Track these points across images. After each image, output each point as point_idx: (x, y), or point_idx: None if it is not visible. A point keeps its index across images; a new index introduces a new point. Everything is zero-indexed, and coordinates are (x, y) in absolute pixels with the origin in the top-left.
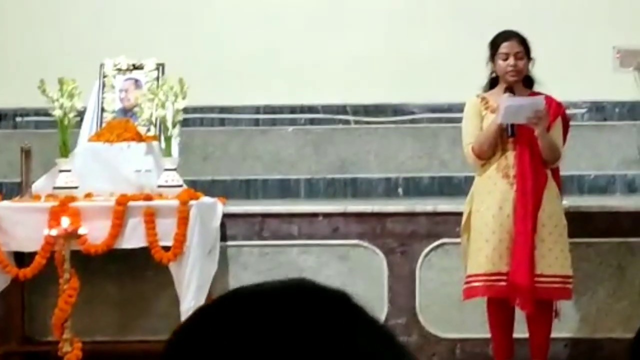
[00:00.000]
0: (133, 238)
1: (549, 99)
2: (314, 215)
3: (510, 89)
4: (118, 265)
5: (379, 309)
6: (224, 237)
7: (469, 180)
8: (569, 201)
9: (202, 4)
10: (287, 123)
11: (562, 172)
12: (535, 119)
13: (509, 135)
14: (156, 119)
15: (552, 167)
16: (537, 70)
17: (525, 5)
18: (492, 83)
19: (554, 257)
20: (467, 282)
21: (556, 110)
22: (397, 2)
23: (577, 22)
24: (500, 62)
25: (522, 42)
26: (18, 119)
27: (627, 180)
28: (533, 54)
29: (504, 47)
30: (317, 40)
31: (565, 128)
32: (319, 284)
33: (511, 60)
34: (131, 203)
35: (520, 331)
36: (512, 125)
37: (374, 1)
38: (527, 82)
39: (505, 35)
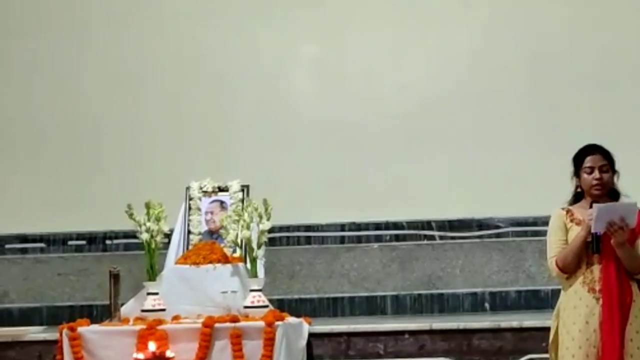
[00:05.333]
0: (220, 359)
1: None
2: (400, 333)
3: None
4: None
5: None
6: (310, 357)
7: (556, 293)
8: None
9: (283, 125)
10: (373, 240)
11: None
12: (615, 228)
13: (593, 252)
14: (241, 241)
15: (637, 278)
16: (623, 182)
17: (609, 118)
18: (577, 197)
19: None
20: None
21: None
22: (479, 119)
23: None
24: (585, 176)
25: (606, 155)
26: (107, 241)
27: None
28: (618, 166)
29: (589, 161)
30: (400, 158)
31: None
32: None
33: (596, 174)
34: (218, 325)
35: None
36: (598, 242)
37: (456, 118)
38: (612, 195)
39: (589, 149)
